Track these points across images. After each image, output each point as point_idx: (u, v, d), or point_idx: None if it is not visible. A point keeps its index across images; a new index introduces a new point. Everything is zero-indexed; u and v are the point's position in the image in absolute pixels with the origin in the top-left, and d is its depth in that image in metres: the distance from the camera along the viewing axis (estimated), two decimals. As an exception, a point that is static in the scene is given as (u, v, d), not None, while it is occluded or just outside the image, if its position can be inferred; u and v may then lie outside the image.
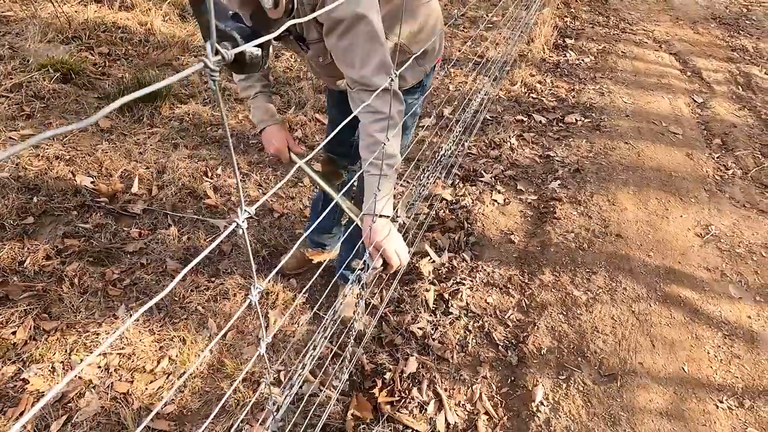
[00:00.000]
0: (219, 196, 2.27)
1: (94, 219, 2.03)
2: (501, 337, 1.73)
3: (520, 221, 2.30)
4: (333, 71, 1.12)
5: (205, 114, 2.84)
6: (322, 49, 1.07)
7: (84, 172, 2.26)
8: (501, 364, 1.64)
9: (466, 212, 2.31)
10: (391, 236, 1.08)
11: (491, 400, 1.53)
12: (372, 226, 1.08)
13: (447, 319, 1.76)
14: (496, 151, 2.81)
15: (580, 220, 2.30)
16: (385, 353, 1.63)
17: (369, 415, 1.40)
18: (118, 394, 1.45)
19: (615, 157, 2.82)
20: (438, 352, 1.65)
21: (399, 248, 1.09)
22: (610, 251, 2.12)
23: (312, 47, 1.10)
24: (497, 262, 2.05)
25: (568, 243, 2.15)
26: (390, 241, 1.07)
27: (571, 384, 1.57)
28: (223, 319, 1.71)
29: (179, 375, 1.53)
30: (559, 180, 2.59)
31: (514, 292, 1.91)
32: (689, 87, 3.86)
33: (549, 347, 1.69)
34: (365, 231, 1.09)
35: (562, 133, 3.05)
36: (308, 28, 1.06)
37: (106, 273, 1.81)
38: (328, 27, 0.98)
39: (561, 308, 1.84)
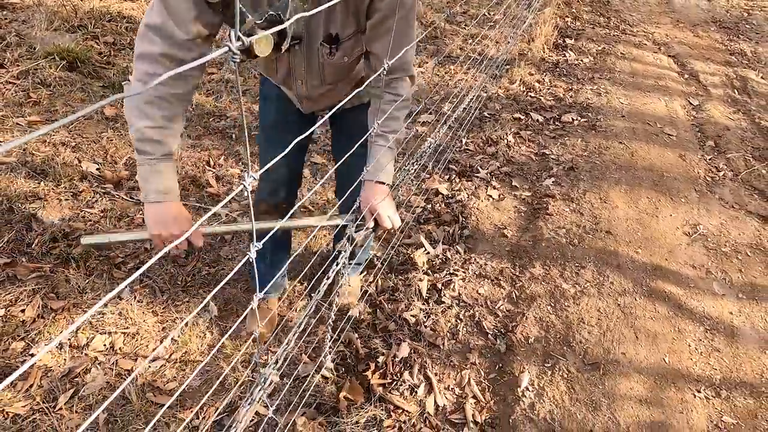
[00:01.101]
0: (221, 185, 2.33)
1: (101, 204, 2.09)
2: (490, 326, 1.80)
3: (514, 216, 2.37)
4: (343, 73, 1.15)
5: (208, 105, 2.90)
6: (351, 45, 1.07)
7: (90, 158, 2.32)
8: (490, 352, 1.71)
9: (461, 206, 2.37)
10: (386, 201, 1.15)
11: (479, 384, 1.61)
12: (369, 189, 1.14)
13: (439, 307, 1.83)
14: (492, 148, 2.87)
15: (571, 216, 2.37)
16: (378, 338, 1.70)
17: (361, 398, 1.47)
18: (123, 371, 1.52)
19: (609, 156, 2.88)
20: (429, 339, 1.72)
21: (392, 213, 1.16)
22: (600, 247, 2.18)
23: (343, 46, 1.05)
24: (490, 255, 2.12)
25: (559, 238, 2.22)
26: (384, 205, 1.14)
27: (556, 371, 1.64)
28: (224, 303, 1.78)
29: (181, 354, 1.60)
30: (554, 177, 2.65)
31: (505, 284, 1.98)
32: (686, 89, 3.92)
33: (536, 337, 1.76)
34: (363, 193, 1.15)
35: (558, 131, 3.11)
36: (345, 23, 1.01)
37: (111, 256, 1.88)
38: (387, 10, 0.98)
39: (549, 300, 1.91)
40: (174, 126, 0.96)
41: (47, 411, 1.39)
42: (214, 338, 1.67)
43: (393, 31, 0.99)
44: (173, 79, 0.92)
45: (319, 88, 1.19)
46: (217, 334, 1.68)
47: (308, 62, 1.11)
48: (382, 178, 1.16)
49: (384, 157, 1.16)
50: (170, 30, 0.87)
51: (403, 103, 1.16)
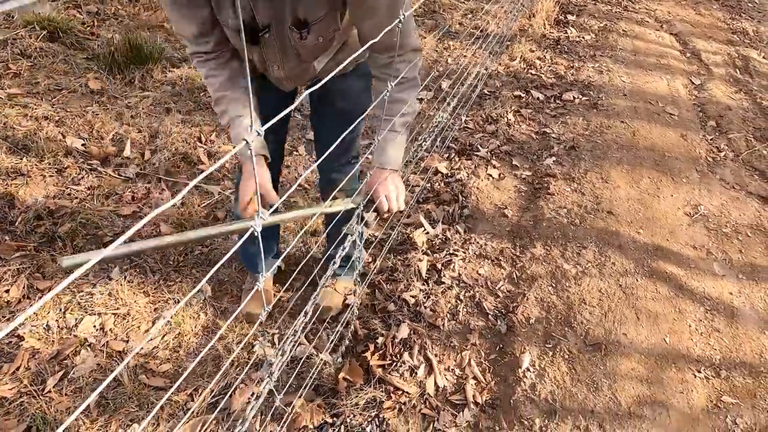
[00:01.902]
0: (214, 162, 2.25)
1: (87, 181, 2.01)
2: (491, 307, 1.77)
3: (514, 196, 2.32)
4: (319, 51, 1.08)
5: (198, 79, 2.78)
6: (324, 26, 1.01)
7: (74, 133, 2.22)
8: (490, 333, 1.69)
9: (461, 185, 2.32)
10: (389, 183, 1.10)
11: (479, 365, 1.58)
12: (375, 174, 1.11)
13: (439, 288, 1.80)
14: (492, 126, 2.80)
15: (573, 196, 2.33)
16: (377, 319, 1.66)
17: (360, 380, 1.44)
18: (114, 352, 1.47)
19: (610, 135, 2.83)
20: (429, 320, 1.68)
21: (395, 194, 1.11)
22: (601, 227, 2.15)
23: (314, 29, 1.00)
24: (490, 235, 2.07)
25: (560, 218, 2.18)
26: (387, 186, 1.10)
27: (557, 352, 1.63)
28: (218, 284, 1.73)
29: (175, 335, 1.55)
30: (554, 157, 2.60)
31: (506, 264, 1.95)
32: (688, 68, 3.85)
33: (537, 317, 1.74)
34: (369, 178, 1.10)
35: (559, 110, 3.05)
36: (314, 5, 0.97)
37: (99, 235, 1.81)
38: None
39: (550, 280, 1.88)
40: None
41: (35, 394, 1.34)
42: (208, 319, 1.62)
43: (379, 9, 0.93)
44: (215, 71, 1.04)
45: (296, 68, 1.14)
46: (211, 315, 1.63)
47: (281, 47, 1.05)
48: (387, 166, 1.11)
49: (391, 144, 1.11)
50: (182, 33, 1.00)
51: (409, 83, 1.09)
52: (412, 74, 1.09)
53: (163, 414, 1.34)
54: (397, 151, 1.13)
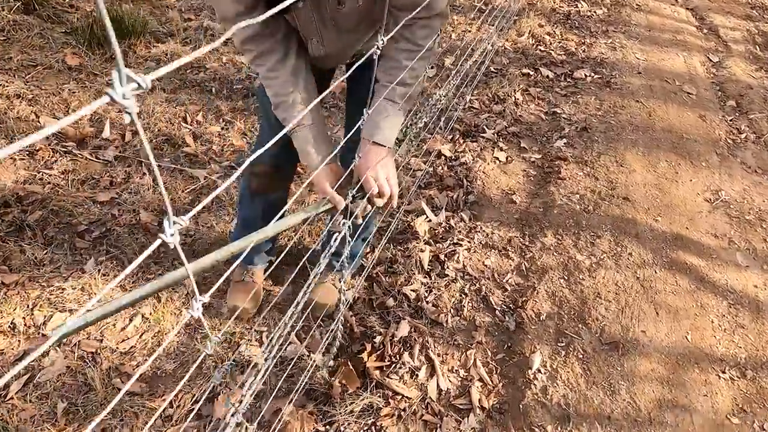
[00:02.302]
0: (199, 144, 2.09)
1: (61, 164, 1.85)
2: (498, 302, 1.63)
3: (523, 181, 2.17)
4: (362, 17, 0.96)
5: (185, 55, 2.59)
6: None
7: (49, 113, 2.06)
8: (497, 330, 1.56)
9: (465, 169, 2.16)
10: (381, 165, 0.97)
11: (486, 366, 1.46)
12: (370, 149, 0.96)
13: (442, 281, 1.66)
14: (499, 106, 2.63)
15: (585, 181, 2.17)
16: (375, 316, 1.53)
17: (356, 384, 1.32)
18: (86, 353, 1.34)
19: (625, 116, 2.65)
20: (431, 316, 1.55)
21: (384, 178, 0.98)
22: (617, 214, 2.00)
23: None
24: (497, 222, 1.93)
25: (572, 205, 2.03)
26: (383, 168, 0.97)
27: (571, 351, 1.50)
28: (201, 277, 1.59)
29: (153, 333, 1.42)
30: (565, 138, 2.43)
31: (514, 255, 1.80)
32: (705, 45, 3.64)
33: (548, 313, 1.61)
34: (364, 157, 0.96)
35: (570, 89, 2.86)
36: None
37: (73, 223, 1.66)
38: None
39: (562, 273, 1.74)
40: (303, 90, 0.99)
41: (-3, 400, 1.22)
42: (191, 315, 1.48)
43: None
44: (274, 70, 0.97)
45: (337, 41, 1.01)
46: (193, 312, 1.49)
47: (319, 18, 0.94)
48: (378, 139, 0.98)
49: (385, 113, 0.97)
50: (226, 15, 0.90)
51: (423, 53, 0.96)
52: (428, 43, 0.96)
53: (138, 422, 1.22)
54: (393, 126, 0.99)
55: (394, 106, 0.99)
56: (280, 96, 0.99)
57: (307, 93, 0.99)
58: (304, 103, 0.98)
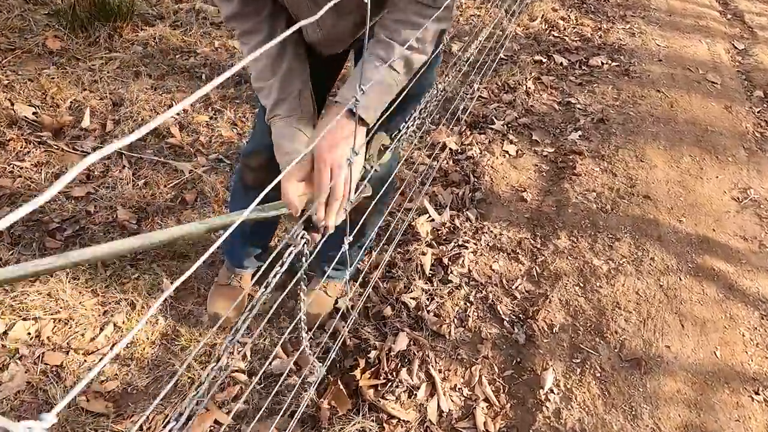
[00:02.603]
0: (186, 135, 1.94)
1: (34, 156, 1.72)
2: (507, 311, 1.48)
3: (534, 176, 2.00)
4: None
5: (174, 38, 2.44)
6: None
7: (25, 100, 1.92)
8: (506, 343, 1.41)
9: (472, 164, 2.00)
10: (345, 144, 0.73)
11: (492, 384, 1.31)
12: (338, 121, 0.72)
13: (445, 288, 1.51)
14: (509, 95, 2.45)
15: (603, 177, 2.00)
16: (370, 327, 1.39)
17: (347, 406, 1.18)
18: (49, 367, 1.22)
19: (645, 106, 2.47)
20: (433, 327, 1.41)
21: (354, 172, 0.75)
22: (637, 215, 1.84)
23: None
24: (506, 222, 1.77)
25: (588, 203, 1.87)
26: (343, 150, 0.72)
27: (587, 369, 1.35)
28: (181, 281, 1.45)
29: (126, 346, 1.29)
30: (580, 131, 2.26)
31: (524, 259, 1.65)
32: (729, 31, 3.42)
33: (562, 324, 1.46)
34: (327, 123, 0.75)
35: (585, 77, 2.68)
36: None
37: (44, 221, 1.53)
38: None
39: (578, 279, 1.59)
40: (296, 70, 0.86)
41: (-54, 421, 1.09)
42: (168, 324, 1.35)
43: None
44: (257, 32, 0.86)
45: (336, 23, 0.88)
46: (171, 320, 1.36)
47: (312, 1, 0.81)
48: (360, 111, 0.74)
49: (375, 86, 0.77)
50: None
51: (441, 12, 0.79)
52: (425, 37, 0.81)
53: (103, 448, 1.09)
54: (378, 95, 0.79)
55: (389, 73, 0.78)
56: (260, 81, 0.86)
57: (289, 80, 0.84)
58: (283, 92, 0.83)
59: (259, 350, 1.34)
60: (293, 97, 0.83)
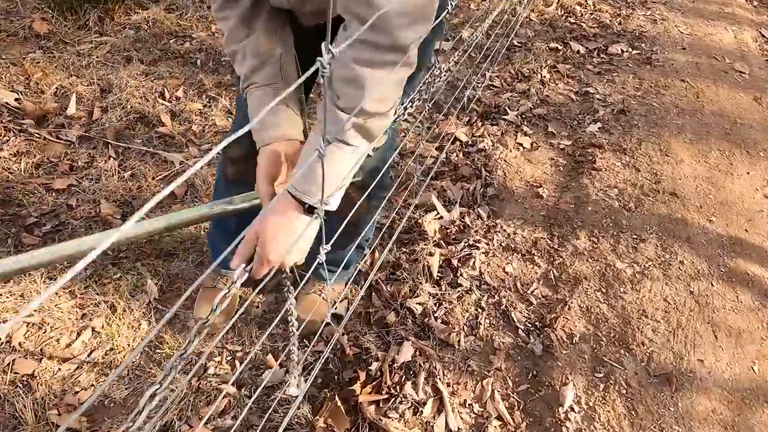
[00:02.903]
0: (177, 124, 1.82)
1: (13, 145, 1.60)
2: (522, 318, 1.36)
3: (551, 171, 1.86)
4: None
5: (168, 22, 2.31)
6: None
7: (7, 85, 1.80)
8: (521, 353, 1.28)
9: (484, 157, 1.86)
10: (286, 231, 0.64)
11: (506, 400, 1.19)
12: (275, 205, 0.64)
13: (454, 292, 1.39)
14: (523, 85, 2.30)
15: (625, 172, 1.86)
16: (372, 335, 1.26)
17: (345, 425, 1.06)
18: (19, 377, 1.11)
19: (669, 97, 2.31)
20: (441, 335, 1.28)
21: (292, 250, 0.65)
22: (663, 213, 1.70)
23: None
24: (520, 220, 1.64)
25: (609, 201, 1.73)
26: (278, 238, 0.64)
27: (611, 385, 1.22)
28: (167, 282, 1.34)
29: (105, 351, 1.18)
30: (600, 122, 2.11)
31: (540, 261, 1.52)
32: (756, 19, 3.23)
33: (583, 334, 1.33)
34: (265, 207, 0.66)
35: (604, 66, 2.52)
36: None
37: (21, 215, 1.42)
38: None
39: (600, 284, 1.45)
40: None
41: None
42: (152, 329, 1.24)
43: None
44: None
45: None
46: (155, 324, 1.25)
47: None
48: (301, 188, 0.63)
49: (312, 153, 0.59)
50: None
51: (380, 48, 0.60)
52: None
53: (73, 469, 0.99)
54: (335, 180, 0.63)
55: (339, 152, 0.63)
56: (233, 42, 0.74)
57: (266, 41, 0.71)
58: (259, 56, 0.69)
59: (251, 359, 1.22)
60: (273, 62, 0.70)
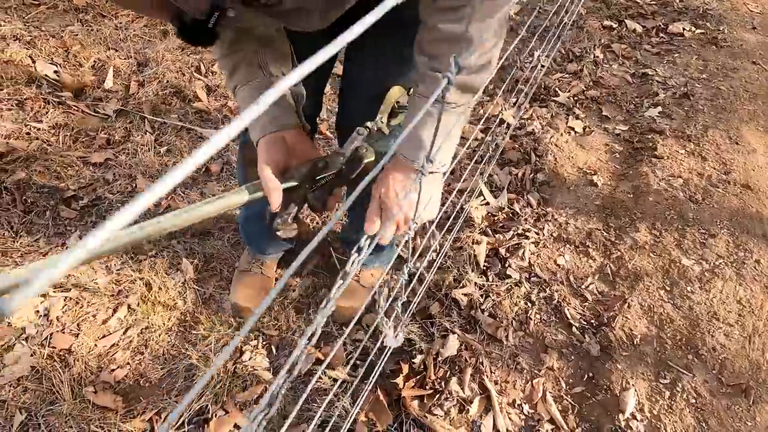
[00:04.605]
0: (213, 99, 1.77)
1: (52, 117, 1.59)
2: (576, 315, 1.25)
3: (606, 158, 1.72)
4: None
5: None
6: None
7: (47, 58, 1.79)
8: (575, 353, 1.18)
9: (533, 141, 1.74)
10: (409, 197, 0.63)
11: (559, 402, 1.10)
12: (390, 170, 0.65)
13: (502, 284, 1.29)
14: (574, 65, 2.15)
15: (689, 161, 1.70)
16: (416, 326, 1.19)
17: (387, 420, 0.99)
18: (56, 352, 1.09)
19: (738, 80, 2.11)
20: (488, 330, 1.20)
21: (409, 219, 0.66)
22: (735, 207, 1.54)
23: None
24: (573, 210, 1.52)
25: (673, 191, 1.58)
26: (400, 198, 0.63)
27: (678, 392, 1.11)
28: (202, 261, 1.30)
29: (140, 330, 1.15)
30: (660, 107, 1.94)
31: (596, 254, 1.40)
32: (836, -4, 2.92)
33: (645, 335, 1.21)
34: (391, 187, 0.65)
35: (663, 46, 2.32)
36: None
37: (59, 188, 1.40)
38: None
39: (663, 281, 1.33)
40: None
41: (-58, 407, 0.98)
42: (187, 309, 1.20)
43: None
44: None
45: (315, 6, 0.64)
46: (191, 304, 1.21)
47: None
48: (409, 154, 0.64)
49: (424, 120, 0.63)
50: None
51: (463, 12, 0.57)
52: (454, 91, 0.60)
53: (108, 450, 0.96)
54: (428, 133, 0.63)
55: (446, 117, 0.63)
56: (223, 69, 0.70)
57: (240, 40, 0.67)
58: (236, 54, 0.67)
59: (287, 344, 1.17)
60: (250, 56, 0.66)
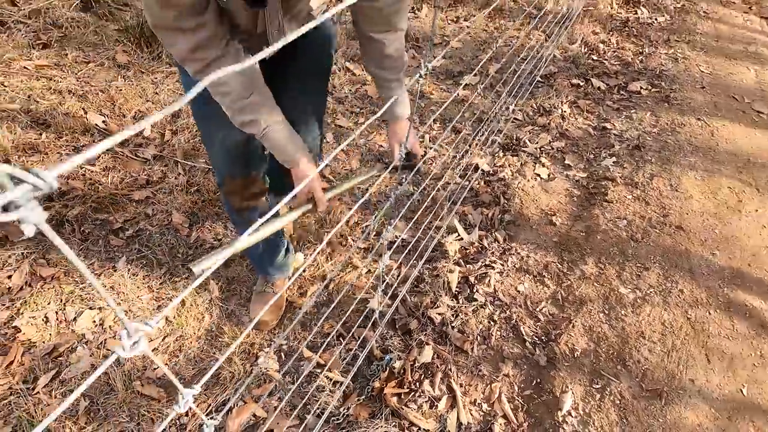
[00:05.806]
0: (235, 147, 2.10)
1: (103, 161, 1.91)
2: (530, 332, 1.53)
3: (565, 201, 2.04)
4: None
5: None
6: None
7: (96, 110, 2.13)
8: (526, 363, 1.46)
9: (503, 185, 2.05)
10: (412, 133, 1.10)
11: (511, 402, 1.36)
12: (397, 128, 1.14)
13: (470, 305, 1.58)
14: (544, 119, 2.49)
15: (635, 205, 2.01)
16: (397, 338, 1.47)
17: (366, 415, 1.26)
18: (110, 353, 1.37)
19: (683, 135, 2.45)
20: (457, 342, 1.47)
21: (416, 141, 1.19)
22: (668, 245, 1.84)
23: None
24: (534, 245, 1.82)
25: (618, 231, 1.88)
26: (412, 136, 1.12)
27: (606, 395, 1.38)
28: (225, 283, 1.59)
29: (176, 337, 1.43)
30: (615, 157, 2.27)
31: (550, 282, 1.69)
32: (781, 58, 3.31)
33: (584, 349, 1.49)
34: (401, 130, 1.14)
35: (623, 102, 2.68)
36: None
37: (109, 221, 1.71)
38: None
39: (603, 306, 1.61)
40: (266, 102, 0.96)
41: (24, 393, 1.25)
42: (213, 321, 1.48)
43: None
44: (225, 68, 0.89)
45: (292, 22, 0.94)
46: (216, 318, 1.49)
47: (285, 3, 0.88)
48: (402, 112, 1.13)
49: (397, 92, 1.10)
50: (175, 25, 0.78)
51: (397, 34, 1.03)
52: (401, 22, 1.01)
53: (153, 427, 1.22)
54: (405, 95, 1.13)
55: (400, 83, 1.09)
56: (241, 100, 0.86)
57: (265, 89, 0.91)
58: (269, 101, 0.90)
59: (293, 352, 1.44)
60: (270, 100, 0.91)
